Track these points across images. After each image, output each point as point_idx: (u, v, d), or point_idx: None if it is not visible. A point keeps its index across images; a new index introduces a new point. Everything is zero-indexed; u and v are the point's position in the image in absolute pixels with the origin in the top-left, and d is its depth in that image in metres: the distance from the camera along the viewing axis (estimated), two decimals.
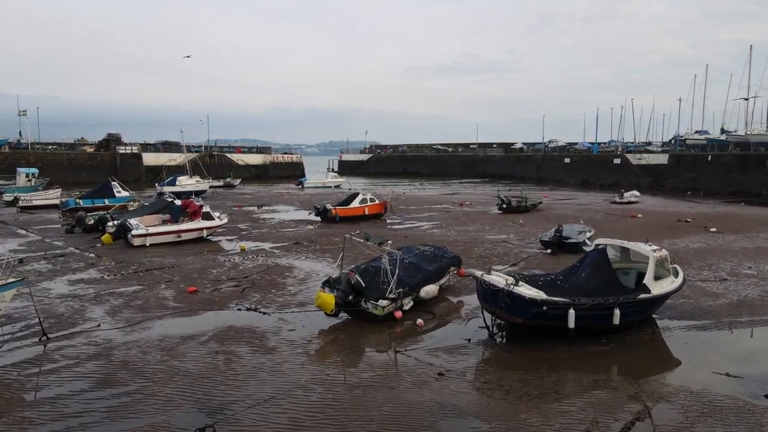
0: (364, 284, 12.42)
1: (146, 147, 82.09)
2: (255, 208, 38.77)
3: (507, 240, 24.50)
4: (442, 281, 14.98)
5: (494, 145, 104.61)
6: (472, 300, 14.29)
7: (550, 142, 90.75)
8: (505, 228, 28.51)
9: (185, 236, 23.56)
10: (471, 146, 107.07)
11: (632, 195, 44.14)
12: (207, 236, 24.35)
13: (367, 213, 31.81)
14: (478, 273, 11.65)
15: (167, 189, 46.10)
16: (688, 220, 30.96)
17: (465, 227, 28.91)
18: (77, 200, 33.58)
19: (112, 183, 36.59)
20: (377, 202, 32.61)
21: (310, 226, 29.09)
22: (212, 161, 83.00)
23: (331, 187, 64.71)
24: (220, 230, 26.01)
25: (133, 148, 77.39)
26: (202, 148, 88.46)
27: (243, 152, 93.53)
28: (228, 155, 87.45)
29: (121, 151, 74.52)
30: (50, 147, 75.17)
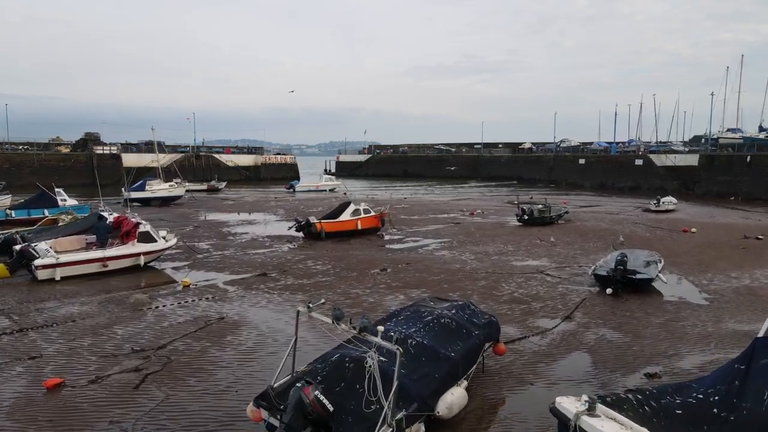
0: (332, 408, 6.44)
1: (128, 147, 76.17)
2: (247, 214, 35.06)
3: (542, 269, 18.52)
4: (472, 370, 8.96)
5: (500, 145, 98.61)
6: (522, 405, 8.33)
7: (561, 141, 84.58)
8: (533, 249, 22.53)
9: (114, 265, 17.63)
10: (475, 146, 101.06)
11: (669, 202, 38.20)
12: (146, 263, 18.46)
13: (360, 227, 25.83)
14: (571, 409, 5.52)
15: (135, 195, 40.31)
16: (760, 236, 24.92)
17: (482, 247, 22.92)
18: (8, 211, 27.67)
19: (57, 190, 30.66)
20: (372, 213, 26.58)
21: (289, 245, 23.16)
22: (199, 162, 77.46)
23: (325, 190, 58.91)
24: (172, 251, 20.28)
25: (113, 148, 71.63)
26: (189, 149, 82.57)
27: (233, 153, 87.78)
28: (216, 156, 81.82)
29: (98, 152, 68.84)
30: (21, 147, 69.21)
